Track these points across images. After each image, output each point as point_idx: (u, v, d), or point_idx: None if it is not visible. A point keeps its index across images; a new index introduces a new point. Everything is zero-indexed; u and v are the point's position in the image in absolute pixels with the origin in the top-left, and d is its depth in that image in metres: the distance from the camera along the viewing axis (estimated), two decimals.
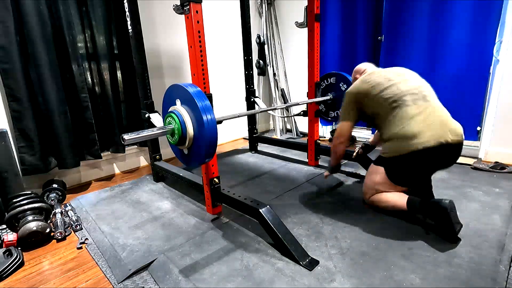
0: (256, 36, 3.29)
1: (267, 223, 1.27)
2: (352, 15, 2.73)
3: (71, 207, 1.77)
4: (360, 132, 3.09)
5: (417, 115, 1.34)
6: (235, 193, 1.50)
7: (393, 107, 1.39)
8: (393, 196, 1.44)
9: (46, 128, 1.93)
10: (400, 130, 1.35)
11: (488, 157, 2.16)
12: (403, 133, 1.34)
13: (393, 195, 1.44)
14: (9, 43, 1.71)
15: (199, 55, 1.36)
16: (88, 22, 2.13)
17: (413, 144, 1.30)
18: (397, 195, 1.43)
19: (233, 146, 3.13)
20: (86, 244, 1.43)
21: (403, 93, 1.39)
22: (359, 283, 1.06)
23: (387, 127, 1.42)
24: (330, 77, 2.24)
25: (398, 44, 2.37)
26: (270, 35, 3.31)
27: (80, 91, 2.02)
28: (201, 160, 1.18)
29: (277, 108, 1.99)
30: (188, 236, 1.42)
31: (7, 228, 1.50)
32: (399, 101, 1.38)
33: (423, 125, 1.31)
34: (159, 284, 1.13)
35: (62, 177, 2.09)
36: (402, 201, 1.38)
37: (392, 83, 1.43)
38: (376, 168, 1.49)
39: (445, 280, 1.04)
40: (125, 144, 1.62)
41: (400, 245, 1.25)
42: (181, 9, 1.34)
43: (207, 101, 1.11)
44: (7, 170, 1.66)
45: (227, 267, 1.18)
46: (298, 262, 1.17)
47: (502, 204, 1.54)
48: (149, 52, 2.32)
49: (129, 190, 2.05)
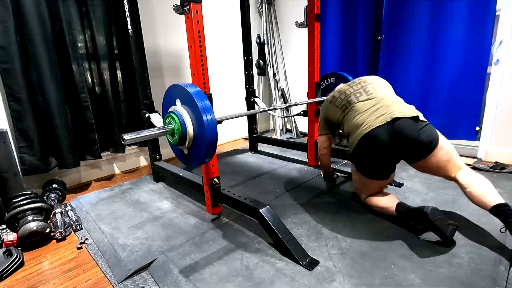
0: (256, 36, 3.30)
1: (267, 223, 1.27)
2: (352, 15, 2.73)
3: (71, 207, 1.77)
4: None
5: (364, 109, 1.46)
6: (235, 193, 1.50)
7: (344, 111, 1.56)
8: (384, 201, 1.45)
9: (46, 128, 1.93)
10: (352, 125, 1.47)
11: (488, 157, 2.16)
12: (354, 126, 1.45)
13: (384, 200, 1.46)
14: (9, 43, 1.71)
15: (199, 55, 1.36)
16: (88, 22, 2.13)
17: (362, 130, 1.39)
18: (387, 200, 1.45)
19: (233, 146, 3.13)
20: (86, 244, 1.43)
21: (349, 96, 1.56)
22: (359, 283, 1.06)
23: (345, 129, 1.55)
24: (330, 77, 2.24)
25: (398, 44, 2.37)
26: (270, 35, 3.31)
27: (80, 91, 2.02)
28: (201, 160, 1.18)
29: (277, 108, 1.99)
30: (188, 236, 1.42)
31: (7, 228, 1.50)
32: (347, 104, 1.55)
33: (368, 114, 1.42)
34: (159, 284, 1.13)
35: (62, 177, 2.09)
36: (392, 206, 1.38)
37: (342, 91, 1.62)
38: (352, 166, 1.58)
39: (445, 280, 1.04)
40: (125, 144, 1.62)
41: (400, 245, 1.25)
42: (181, 9, 1.34)
43: (207, 101, 1.11)
44: (7, 170, 1.66)
45: (227, 267, 1.18)
46: (298, 262, 1.17)
47: None
48: (149, 52, 2.32)
49: (129, 190, 2.05)
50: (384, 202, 1.45)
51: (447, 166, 1.35)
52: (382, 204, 1.45)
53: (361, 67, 2.81)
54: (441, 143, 1.33)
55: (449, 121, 2.26)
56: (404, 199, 1.57)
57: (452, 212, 1.49)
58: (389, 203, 1.41)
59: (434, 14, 2.16)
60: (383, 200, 1.46)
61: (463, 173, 1.35)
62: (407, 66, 2.37)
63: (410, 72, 2.36)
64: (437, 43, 2.20)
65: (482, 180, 1.30)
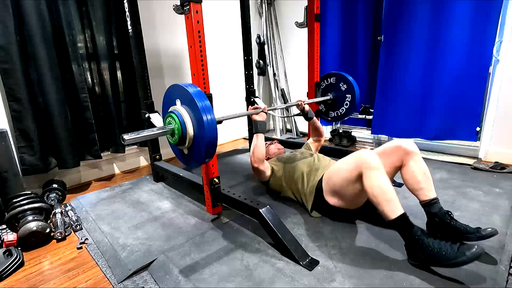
0: (256, 36, 3.30)
1: (267, 223, 1.27)
2: (352, 15, 2.73)
3: (71, 207, 1.77)
4: (360, 132, 3.09)
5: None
6: (235, 193, 1.50)
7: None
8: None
9: (46, 128, 1.93)
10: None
11: (488, 157, 2.16)
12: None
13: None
14: (9, 43, 1.71)
15: (199, 55, 1.36)
16: (88, 22, 2.13)
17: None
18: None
19: (233, 146, 3.13)
20: (86, 244, 1.43)
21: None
22: (359, 283, 1.06)
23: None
24: (330, 77, 2.24)
25: (398, 44, 2.37)
26: (270, 35, 3.31)
27: (80, 91, 2.02)
28: (201, 160, 1.18)
29: (277, 108, 1.99)
30: (188, 236, 1.42)
31: (7, 228, 1.50)
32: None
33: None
34: (159, 284, 1.13)
35: (62, 177, 2.09)
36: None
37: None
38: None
39: (445, 280, 1.04)
40: (125, 144, 1.62)
41: (400, 245, 1.25)
42: (181, 9, 1.34)
43: (207, 101, 1.11)
44: (7, 170, 1.66)
45: (227, 267, 1.18)
46: (298, 262, 1.17)
47: (502, 204, 1.54)
48: (149, 52, 2.32)
49: (129, 190, 2.05)
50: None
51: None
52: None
53: (361, 67, 2.81)
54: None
55: (449, 122, 2.26)
56: (404, 199, 1.57)
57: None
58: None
59: (434, 14, 2.16)
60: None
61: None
62: (407, 66, 2.36)
63: (410, 72, 2.36)
64: (437, 43, 2.20)
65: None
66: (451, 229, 1.21)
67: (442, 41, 2.17)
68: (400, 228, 1.12)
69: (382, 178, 1.15)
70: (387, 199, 1.12)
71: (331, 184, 1.39)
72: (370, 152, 1.22)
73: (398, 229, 1.12)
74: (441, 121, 2.29)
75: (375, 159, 1.19)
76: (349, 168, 1.27)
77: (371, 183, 1.16)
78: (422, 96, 2.35)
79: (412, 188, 1.29)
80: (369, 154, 1.21)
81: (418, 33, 2.26)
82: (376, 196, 1.14)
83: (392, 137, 2.69)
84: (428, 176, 1.28)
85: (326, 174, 1.44)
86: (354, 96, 2.12)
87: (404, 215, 1.10)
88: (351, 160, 1.27)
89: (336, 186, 1.35)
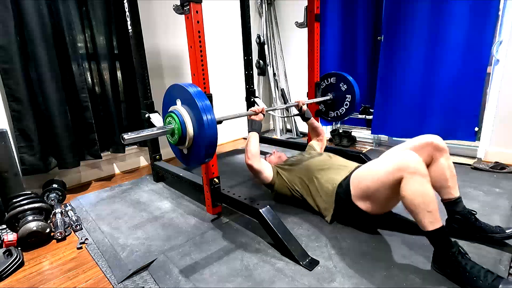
0: (256, 36, 3.30)
1: (267, 223, 1.27)
2: (352, 15, 2.73)
3: (71, 207, 1.77)
4: (360, 132, 3.09)
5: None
6: (235, 193, 1.49)
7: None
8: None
9: (46, 128, 1.93)
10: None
11: (488, 157, 2.16)
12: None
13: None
14: (9, 43, 1.71)
15: (199, 55, 1.36)
16: (88, 22, 2.13)
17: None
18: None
19: (233, 146, 3.13)
20: (86, 244, 1.43)
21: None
22: (359, 283, 1.06)
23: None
24: (330, 77, 2.24)
25: (398, 44, 2.37)
26: (270, 35, 3.31)
27: (80, 91, 2.02)
28: (201, 160, 1.17)
29: (277, 108, 1.99)
30: (188, 236, 1.42)
31: (7, 228, 1.50)
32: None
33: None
34: (159, 284, 1.13)
35: (62, 177, 2.09)
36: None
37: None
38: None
39: (445, 280, 1.04)
40: (125, 143, 1.62)
41: (400, 245, 1.25)
42: (181, 9, 1.34)
43: (207, 101, 1.11)
44: (7, 170, 1.65)
45: (227, 267, 1.18)
46: (298, 262, 1.17)
47: (502, 204, 1.54)
48: (149, 52, 2.31)
49: (129, 190, 2.05)
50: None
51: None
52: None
53: (361, 67, 2.81)
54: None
55: (448, 122, 2.26)
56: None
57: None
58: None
59: (434, 14, 2.16)
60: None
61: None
62: (406, 66, 2.36)
63: (409, 72, 2.36)
64: (437, 43, 2.20)
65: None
66: (475, 229, 1.22)
67: (442, 41, 2.17)
68: (437, 240, 1.06)
69: (426, 186, 1.06)
70: (429, 210, 1.03)
71: (363, 188, 1.26)
72: (414, 155, 1.10)
73: (434, 241, 1.07)
74: (440, 121, 2.29)
75: (420, 164, 1.08)
76: (387, 170, 1.14)
77: (413, 190, 1.06)
78: (421, 96, 2.35)
79: (438, 186, 1.24)
80: (413, 157, 1.09)
81: (418, 33, 2.26)
82: (416, 206, 1.05)
83: (392, 137, 2.70)
84: (455, 174, 1.25)
85: (354, 178, 1.32)
86: (354, 96, 2.12)
87: (443, 228, 1.04)
88: (390, 162, 1.14)
89: (370, 190, 1.23)
